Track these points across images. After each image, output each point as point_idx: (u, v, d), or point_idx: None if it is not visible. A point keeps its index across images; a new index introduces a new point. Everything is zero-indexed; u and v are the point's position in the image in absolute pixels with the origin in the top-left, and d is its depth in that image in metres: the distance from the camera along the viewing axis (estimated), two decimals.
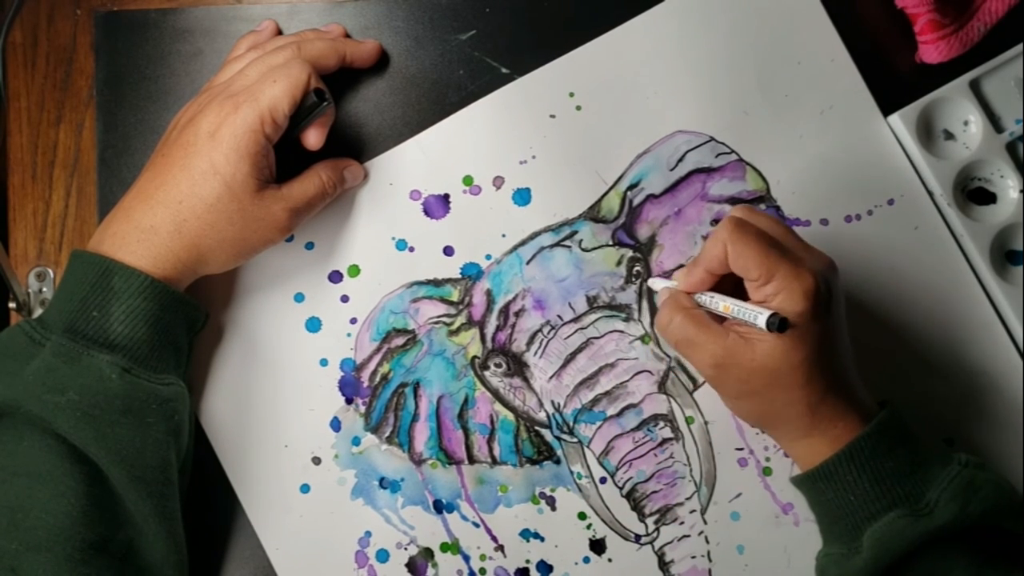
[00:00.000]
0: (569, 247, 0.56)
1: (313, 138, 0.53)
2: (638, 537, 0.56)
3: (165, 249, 0.49)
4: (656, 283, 0.54)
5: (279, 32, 0.57)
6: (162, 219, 0.49)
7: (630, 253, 0.57)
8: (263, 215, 0.51)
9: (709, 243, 0.48)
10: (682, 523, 0.55)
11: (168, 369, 0.51)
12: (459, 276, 0.57)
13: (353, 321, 0.56)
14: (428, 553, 0.56)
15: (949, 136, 0.58)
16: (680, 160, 0.57)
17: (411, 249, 0.57)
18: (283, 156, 0.52)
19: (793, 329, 0.45)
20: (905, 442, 0.48)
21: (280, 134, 0.51)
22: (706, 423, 0.56)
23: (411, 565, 0.56)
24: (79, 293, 0.48)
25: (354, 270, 0.57)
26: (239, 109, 0.49)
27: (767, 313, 0.45)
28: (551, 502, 0.56)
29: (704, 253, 0.48)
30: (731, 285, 0.50)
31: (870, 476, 0.47)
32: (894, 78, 0.57)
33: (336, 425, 0.56)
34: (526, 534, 0.56)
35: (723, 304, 0.48)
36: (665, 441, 0.56)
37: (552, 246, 0.56)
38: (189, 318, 0.52)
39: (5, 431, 0.47)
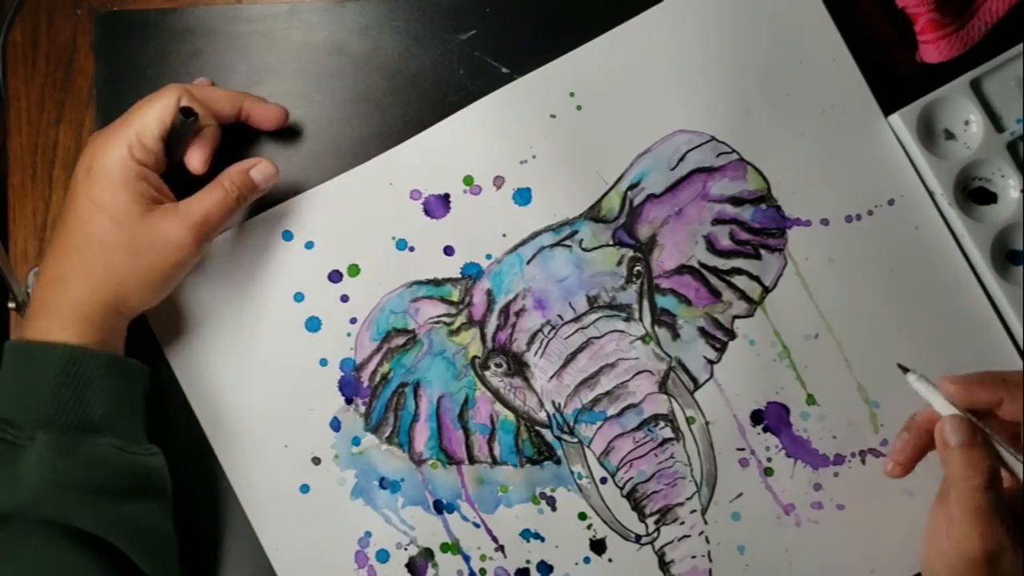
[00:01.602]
0: (569, 247, 0.56)
1: (195, 160, 0.52)
2: (638, 537, 0.56)
3: (81, 296, 0.49)
4: (942, 405, 0.48)
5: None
6: (68, 267, 0.49)
7: (630, 253, 0.57)
8: (159, 238, 0.50)
9: None
10: (682, 523, 0.55)
11: (144, 439, 0.51)
12: (459, 276, 0.57)
13: (353, 321, 0.56)
14: (428, 553, 0.56)
15: (950, 136, 0.58)
16: (681, 160, 0.57)
17: (411, 249, 0.57)
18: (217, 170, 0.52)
19: None
20: None
21: (153, 157, 0.51)
22: (707, 423, 0.56)
23: (411, 565, 0.56)
24: (46, 386, 0.47)
25: (354, 270, 0.57)
26: (109, 141, 0.50)
27: None
28: (551, 502, 0.56)
29: None
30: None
31: None
32: (895, 78, 0.57)
33: (336, 425, 0.56)
34: (526, 534, 0.56)
35: None
36: (666, 441, 0.56)
37: (552, 246, 0.56)
38: (143, 381, 0.52)
39: (5, 543, 0.46)
